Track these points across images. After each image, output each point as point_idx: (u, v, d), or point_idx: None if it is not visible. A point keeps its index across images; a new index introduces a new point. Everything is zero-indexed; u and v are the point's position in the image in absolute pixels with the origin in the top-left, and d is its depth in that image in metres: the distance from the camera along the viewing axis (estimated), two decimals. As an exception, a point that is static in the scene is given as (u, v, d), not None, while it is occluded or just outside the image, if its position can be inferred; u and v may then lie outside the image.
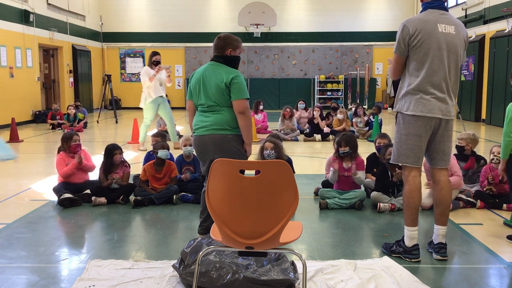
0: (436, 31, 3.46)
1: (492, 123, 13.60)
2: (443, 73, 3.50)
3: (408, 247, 3.64)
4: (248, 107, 3.75)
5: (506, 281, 3.33)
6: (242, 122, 3.73)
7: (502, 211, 4.96)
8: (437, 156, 3.64)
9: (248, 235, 2.52)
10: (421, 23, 3.47)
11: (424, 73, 3.47)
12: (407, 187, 3.63)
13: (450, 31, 3.51)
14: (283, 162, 2.45)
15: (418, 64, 3.49)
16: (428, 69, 3.47)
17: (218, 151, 3.74)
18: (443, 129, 3.58)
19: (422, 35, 3.44)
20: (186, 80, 20.37)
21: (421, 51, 3.46)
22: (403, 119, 3.58)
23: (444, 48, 3.48)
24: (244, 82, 3.76)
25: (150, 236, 4.37)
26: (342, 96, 20.15)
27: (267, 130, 11.67)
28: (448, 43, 3.49)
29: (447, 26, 3.51)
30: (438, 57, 3.47)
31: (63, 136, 5.67)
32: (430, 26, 3.46)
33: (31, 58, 14.74)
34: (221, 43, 3.85)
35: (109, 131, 13.34)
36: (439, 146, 3.61)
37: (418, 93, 3.49)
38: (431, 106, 3.48)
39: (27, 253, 3.85)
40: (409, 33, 3.47)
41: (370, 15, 20.30)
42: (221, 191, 2.51)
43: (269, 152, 5.10)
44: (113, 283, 3.20)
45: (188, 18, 20.20)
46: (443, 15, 3.53)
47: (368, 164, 5.69)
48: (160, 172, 5.48)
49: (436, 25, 3.47)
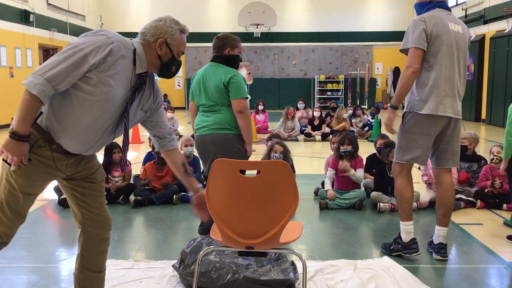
0: (448, 29, 3.44)
1: (492, 123, 13.60)
2: (454, 72, 3.48)
3: (405, 242, 3.64)
4: (246, 106, 3.75)
5: (506, 281, 3.33)
6: (241, 121, 3.74)
7: (502, 211, 4.96)
8: (446, 156, 3.61)
9: (248, 235, 2.52)
10: (435, 19, 3.43)
11: (437, 71, 3.43)
12: (399, 182, 3.64)
13: (459, 30, 3.52)
14: (283, 162, 2.45)
15: (432, 61, 3.44)
16: (442, 67, 3.43)
17: (219, 150, 3.75)
18: (452, 129, 3.55)
19: (437, 32, 3.40)
20: (186, 80, 20.37)
21: (435, 48, 3.42)
22: (413, 118, 3.51)
23: (454, 47, 3.47)
24: (242, 81, 3.76)
25: (150, 236, 4.37)
26: (342, 96, 20.15)
27: (268, 130, 11.67)
28: (458, 42, 3.49)
29: (456, 25, 3.51)
30: (451, 55, 3.45)
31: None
32: (443, 24, 3.44)
33: (31, 58, 14.74)
34: (219, 43, 3.86)
35: (109, 131, 13.32)
36: (449, 145, 3.58)
37: (432, 91, 3.44)
38: (443, 105, 3.44)
39: (27, 253, 3.85)
40: (426, 28, 3.39)
41: (370, 15, 20.30)
42: (221, 191, 2.51)
43: (278, 156, 5.09)
44: (113, 283, 3.20)
45: (188, 18, 20.16)
46: (450, 15, 3.54)
47: (367, 164, 5.69)
48: (161, 171, 5.49)
49: (447, 23, 3.46)
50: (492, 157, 5.17)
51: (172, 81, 20.59)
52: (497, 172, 5.12)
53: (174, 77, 23.34)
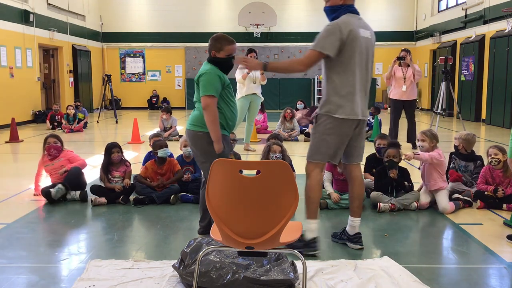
0: (360, 36, 3.59)
1: (492, 123, 13.60)
2: (365, 77, 3.68)
3: (308, 240, 3.72)
4: (210, 103, 3.72)
5: (506, 281, 3.33)
6: (205, 118, 3.76)
7: (502, 211, 4.96)
8: (355, 153, 3.82)
9: (248, 235, 2.52)
10: (350, 26, 3.56)
11: (351, 77, 3.60)
12: (309, 182, 3.78)
13: (368, 36, 3.68)
14: (283, 162, 2.45)
15: (346, 67, 3.59)
16: (356, 73, 3.61)
17: (193, 147, 3.92)
18: (360, 128, 3.76)
19: (352, 39, 3.54)
20: (186, 80, 20.37)
21: (349, 54, 3.57)
22: (327, 120, 3.66)
23: (365, 52, 3.64)
24: (211, 79, 3.74)
25: (150, 236, 4.37)
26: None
27: (267, 130, 11.67)
28: (367, 47, 3.67)
29: (365, 31, 3.66)
30: (362, 61, 3.63)
31: (44, 137, 5.80)
32: (356, 30, 3.57)
33: (31, 58, 14.74)
34: (208, 44, 3.93)
35: (109, 131, 13.34)
36: (356, 143, 3.80)
37: (346, 97, 3.61)
38: (356, 109, 3.63)
39: (27, 253, 3.85)
40: (341, 35, 3.52)
41: (370, 15, 20.24)
42: (221, 191, 2.51)
43: (278, 156, 5.11)
44: (113, 283, 3.20)
45: (188, 18, 20.19)
46: (360, 20, 3.68)
47: (367, 164, 5.70)
48: (162, 168, 5.49)
49: (358, 29, 3.60)
50: (490, 160, 5.15)
51: (172, 81, 20.60)
52: (496, 173, 5.12)
53: (174, 77, 23.22)
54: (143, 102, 20.50)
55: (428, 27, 18.90)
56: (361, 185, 3.91)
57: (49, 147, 5.63)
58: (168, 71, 20.63)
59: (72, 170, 5.48)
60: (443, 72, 10.28)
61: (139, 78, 20.75)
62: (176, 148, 6.46)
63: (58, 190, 5.27)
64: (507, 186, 5.05)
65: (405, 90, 8.95)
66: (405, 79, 8.95)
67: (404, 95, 9.00)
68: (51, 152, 5.62)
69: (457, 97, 15.28)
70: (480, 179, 5.22)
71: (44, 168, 5.66)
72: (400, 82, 9.00)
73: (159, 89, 20.41)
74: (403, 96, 9.00)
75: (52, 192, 5.23)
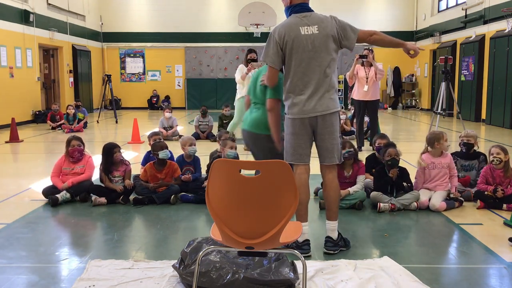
0: (299, 35, 3.62)
1: (492, 123, 13.60)
2: (314, 73, 3.64)
3: (299, 242, 3.71)
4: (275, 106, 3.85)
5: (506, 281, 3.32)
6: (269, 119, 3.89)
7: (502, 211, 4.96)
8: (322, 153, 3.77)
9: (248, 235, 2.52)
10: (284, 28, 3.66)
11: (292, 78, 3.66)
12: None
13: (313, 31, 3.65)
14: (283, 162, 2.45)
15: (288, 69, 3.68)
16: (298, 73, 3.64)
17: (254, 147, 4.16)
18: (322, 126, 3.68)
19: (288, 41, 3.61)
20: (186, 80, 20.37)
21: (289, 57, 3.64)
22: (286, 121, 3.76)
23: (311, 50, 3.62)
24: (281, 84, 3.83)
25: (150, 236, 4.37)
26: (342, 96, 20.14)
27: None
28: (314, 43, 3.63)
29: (309, 28, 3.65)
30: (306, 59, 3.63)
31: (67, 139, 5.69)
32: (293, 32, 3.62)
33: (31, 58, 14.74)
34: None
35: (109, 131, 13.34)
36: (322, 143, 3.73)
37: (290, 95, 3.68)
38: (303, 107, 3.64)
39: (27, 253, 3.85)
40: (277, 41, 3.64)
41: (370, 15, 20.29)
42: (221, 191, 2.51)
43: None
44: (113, 283, 3.20)
45: (188, 18, 20.19)
46: (305, 17, 3.68)
47: (367, 164, 5.69)
48: (161, 172, 5.48)
49: (299, 28, 3.63)
50: (492, 159, 5.15)
51: (172, 81, 20.60)
52: (497, 173, 5.12)
53: (174, 77, 23.13)
54: (143, 102, 20.50)
55: (428, 27, 18.90)
56: (333, 189, 3.77)
57: (73, 150, 5.53)
58: (168, 71, 20.63)
59: (84, 183, 5.42)
60: (443, 72, 10.28)
61: (139, 78, 20.75)
62: (176, 148, 6.46)
63: (64, 198, 5.27)
64: (507, 186, 5.05)
65: (366, 90, 8.65)
66: (367, 79, 8.71)
67: (366, 96, 8.70)
68: (75, 155, 5.54)
69: (457, 97, 15.28)
70: (480, 179, 5.22)
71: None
72: (362, 82, 8.73)
73: (159, 89, 20.40)
74: (366, 96, 8.69)
75: (59, 199, 5.22)
